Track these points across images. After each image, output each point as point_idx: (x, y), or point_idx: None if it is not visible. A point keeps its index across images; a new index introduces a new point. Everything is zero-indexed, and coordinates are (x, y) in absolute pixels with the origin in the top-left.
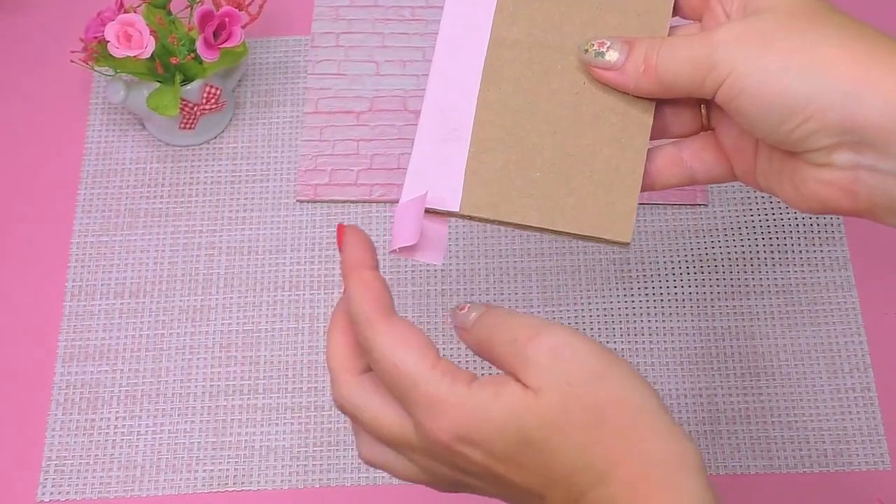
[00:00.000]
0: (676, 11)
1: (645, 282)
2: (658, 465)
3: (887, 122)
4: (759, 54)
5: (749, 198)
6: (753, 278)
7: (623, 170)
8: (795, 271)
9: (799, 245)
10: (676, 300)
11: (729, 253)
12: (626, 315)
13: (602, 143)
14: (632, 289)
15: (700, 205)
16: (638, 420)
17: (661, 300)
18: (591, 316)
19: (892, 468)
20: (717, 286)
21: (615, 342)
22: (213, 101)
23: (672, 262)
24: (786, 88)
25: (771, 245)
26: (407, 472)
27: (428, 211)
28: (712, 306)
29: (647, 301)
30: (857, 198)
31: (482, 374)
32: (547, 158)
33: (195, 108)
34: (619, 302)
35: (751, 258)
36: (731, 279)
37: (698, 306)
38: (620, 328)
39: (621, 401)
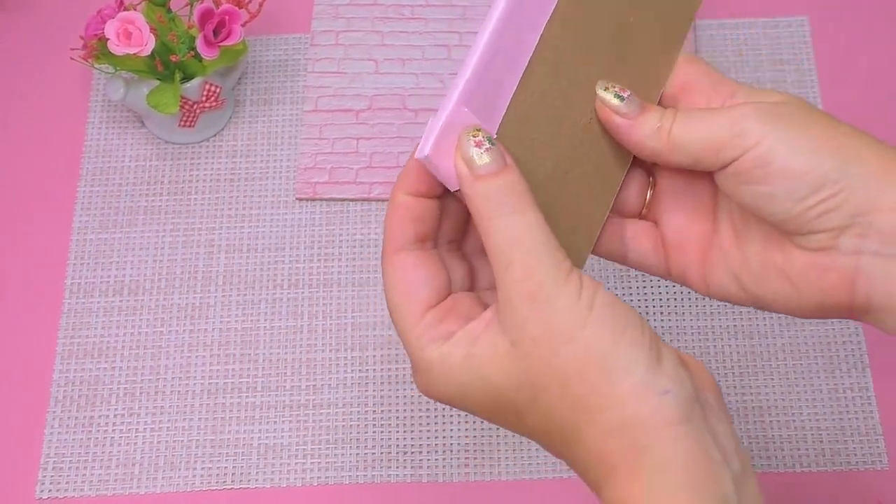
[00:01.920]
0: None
1: (643, 280)
2: (618, 433)
3: None
4: (791, 132)
5: None
6: None
7: (586, 219)
8: None
9: None
10: (674, 299)
11: None
12: None
13: (582, 190)
14: (630, 287)
15: None
16: (603, 385)
17: (660, 299)
18: None
19: (889, 468)
20: None
21: None
22: (212, 98)
23: None
24: (819, 164)
25: None
26: None
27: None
28: (710, 305)
29: (646, 300)
30: (856, 288)
31: None
32: (540, 180)
33: (195, 106)
34: None
35: None
36: None
37: (696, 305)
38: None
39: (586, 364)
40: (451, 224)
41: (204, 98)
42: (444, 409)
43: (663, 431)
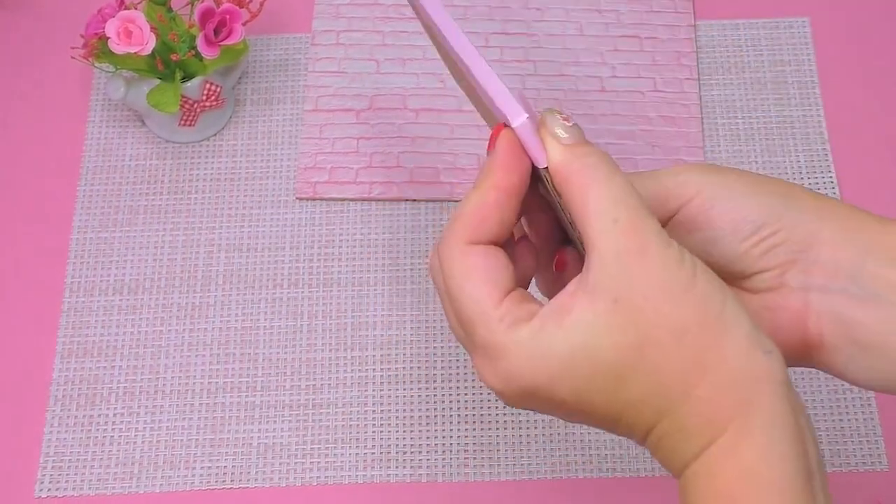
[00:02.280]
0: None
1: None
2: (732, 387)
3: (844, 243)
4: (729, 180)
5: None
6: None
7: None
8: None
9: None
10: None
11: None
12: None
13: None
14: None
15: None
16: (719, 338)
17: None
18: None
19: (889, 469)
20: None
21: None
22: (213, 98)
23: None
24: (758, 204)
25: None
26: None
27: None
28: None
29: None
30: (808, 326)
31: None
32: None
33: (195, 105)
34: None
35: None
36: None
37: None
38: None
39: (706, 315)
40: None
41: (204, 97)
42: (443, 409)
43: (767, 387)
